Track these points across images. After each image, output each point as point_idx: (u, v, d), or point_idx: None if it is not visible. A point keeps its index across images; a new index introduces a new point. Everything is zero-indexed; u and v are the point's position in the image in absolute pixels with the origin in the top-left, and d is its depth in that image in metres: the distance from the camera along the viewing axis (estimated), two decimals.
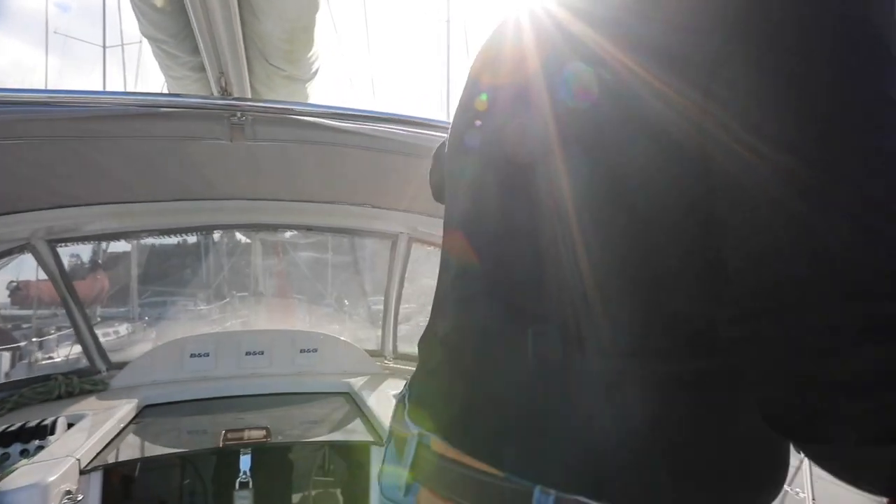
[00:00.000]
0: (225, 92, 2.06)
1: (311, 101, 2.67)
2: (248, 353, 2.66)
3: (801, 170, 0.38)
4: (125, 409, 2.02)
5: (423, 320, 3.54)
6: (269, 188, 2.13)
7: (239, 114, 1.29)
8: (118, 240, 2.33)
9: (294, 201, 2.29)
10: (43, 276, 2.31)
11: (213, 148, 1.56)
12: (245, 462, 1.81)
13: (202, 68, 2.00)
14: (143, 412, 2.18)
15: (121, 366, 2.44)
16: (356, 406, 2.35)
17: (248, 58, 2.09)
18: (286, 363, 2.70)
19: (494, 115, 0.65)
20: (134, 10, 1.75)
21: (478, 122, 0.69)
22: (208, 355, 2.59)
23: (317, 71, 2.41)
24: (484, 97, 0.69)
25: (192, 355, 2.56)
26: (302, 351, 2.73)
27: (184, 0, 1.52)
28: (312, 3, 1.72)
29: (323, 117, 1.40)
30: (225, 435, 1.85)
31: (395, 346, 3.03)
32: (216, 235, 2.81)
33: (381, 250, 2.92)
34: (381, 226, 2.64)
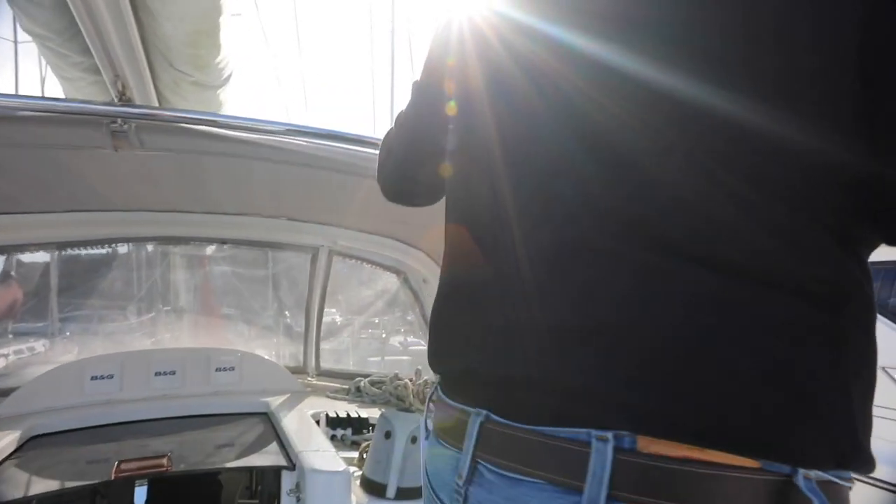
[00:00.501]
0: (123, 96, 1.93)
1: (226, 108, 2.56)
2: (157, 374, 2.49)
3: None
4: (3, 441, 1.83)
5: (346, 337, 3.46)
6: (173, 199, 2.00)
7: (119, 121, 1.18)
8: (3, 254, 2.13)
9: (203, 213, 2.16)
10: None
11: (99, 157, 1.44)
12: (140, 495, 1.67)
13: (97, 70, 1.87)
14: (28, 444, 1.98)
15: (7, 392, 2.22)
16: (271, 427, 2.23)
17: (150, 62, 1.97)
18: (200, 383, 2.55)
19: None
20: (11, 3, 1.61)
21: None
22: (112, 377, 2.40)
23: (229, 77, 2.31)
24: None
25: (94, 378, 2.37)
26: (218, 370, 2.58)
27: None
28: (214, 7, 1.63)
29: (221, 127, 1.31)
30: (118, 466, 1.70)
31: (317, 363, 2.93)
32: (127, 248, 2.63)
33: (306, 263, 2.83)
34: (300, 239, 2.54)
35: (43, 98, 1.19)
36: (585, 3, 0.59)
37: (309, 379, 2.95)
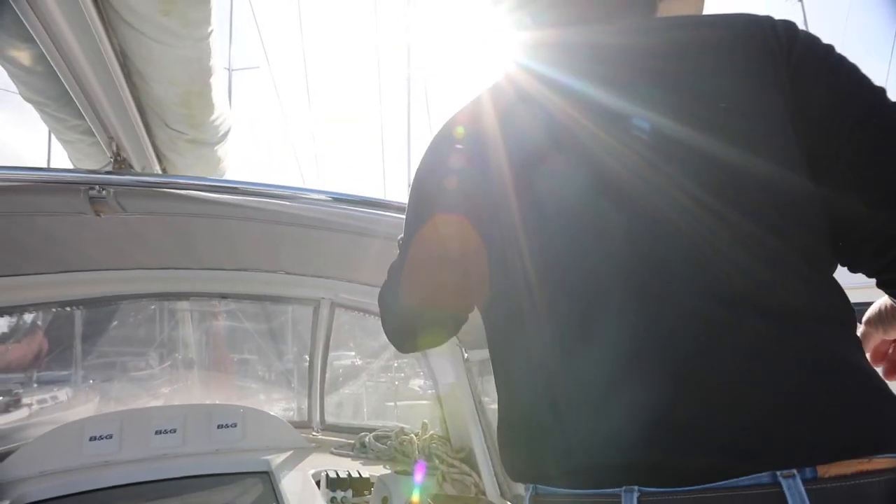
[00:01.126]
0: (118, 157, 1.94)
1: (225, 163, 2.58)
2: (157, 432, 2.44)
3: None
4: None
5: (349, 389, 3.38)
6: (166, 257, 1.99)
7: (98, 187, 1.18)
8: (6, 315, 2.14)
9: (198, 269, 2.15)
10: None
11: (84, 220, 1.43)
12: None
13: (93, 132, 1.89)
14: None
15: (3, 457, 2.19)
16: (271, 489, 2.16)
17: (145, 122, 1.99)
18: (201, 441, 2.49)
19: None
20: (7, 72, 1.64)
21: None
22: (111, 437, 2.36)
23: (226, 133, 2.32)
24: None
25: (93, 438, 2.32)
26: (219, 426, 2.53)
27: (52, 64, 1.41)
28: (203, 70, 1.64)
29: (202, 191, 1.30)
30: None
31: (322, 417, 2.86)
32: (131, 304, 2.62)
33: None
34: (301, 292, 2.51)
35: (22, 168, 1.19)
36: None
37: (314, 434, 2.87)
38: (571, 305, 0.71)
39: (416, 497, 2.04)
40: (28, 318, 2.42)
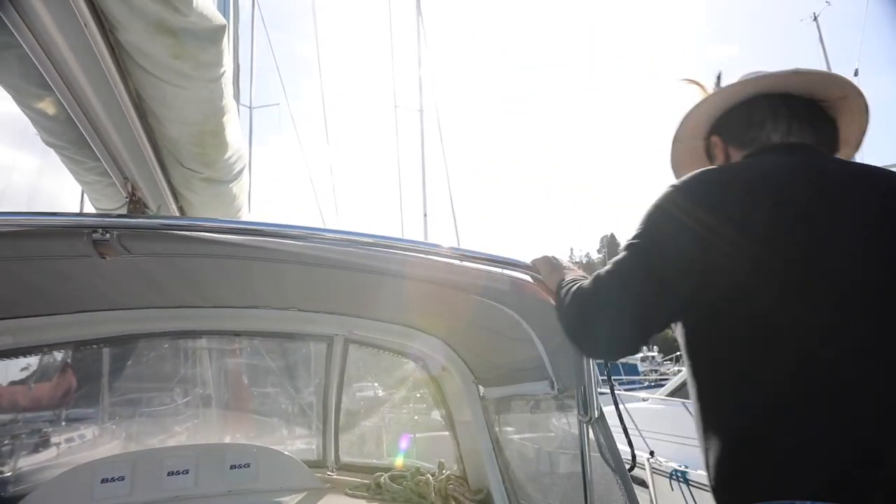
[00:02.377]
0: (134, 197, 1.96)
1: (240, 200, 2.60)
2: (170, 473, 2.40)
3: None
4: None
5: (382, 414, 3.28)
6: (177, 296, 1.98)
7: (101, 230, 1.17)
8: (18, 356, 2.14)
9: (209, 307, 2.14)
10: None
11: (91, 262, 1.43)
12: None
13: (109, 174, 1.91)
14: None
15: (15, 500, 2.16)
16: None
17: (161, 162, 2.02)
18: (214, 482, 2.44)
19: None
20: (28, 118, 1.67)
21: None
22: (123, 479, 2.32)
23: (240, 171, 2.35)
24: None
25: (104, 480, 2.29)
26: (232, 467, 2.48)
27: (67, 109, 1.43)
28: (216, 109, 1.66)
29: (207, 231, 1.28)
30: None
31: (336, 456, 2.80)
32: (147, 342, 2.62)
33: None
34: (313, 328, 2.48)
35: (29, 214, 1.20)
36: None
37: (329, 473, 2.81)
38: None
39: None
40: (51, 357, 2.43)
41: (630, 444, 1.68)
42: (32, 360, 2.46)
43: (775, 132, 1.32)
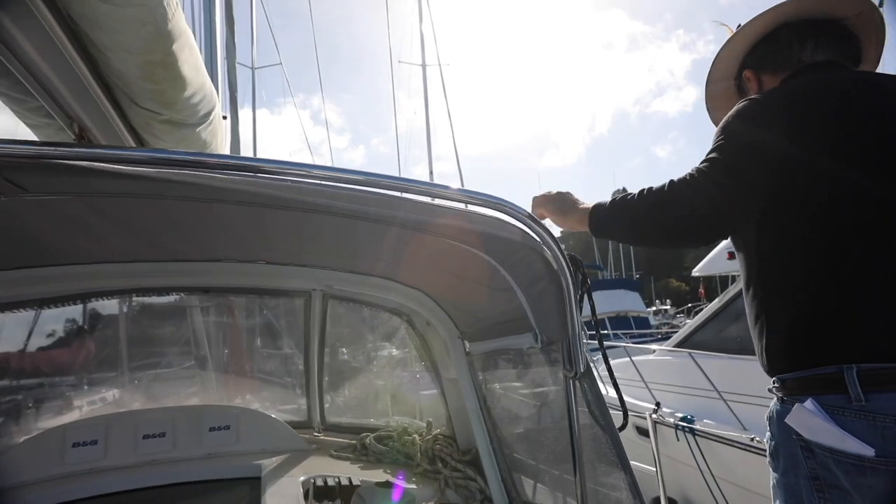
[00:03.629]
0: (81, 140, 1.80)
1: (214, 147, 2.43)
2: (146, 437, 2.30)
3: None
4: None
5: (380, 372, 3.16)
6: (123, 250, 1.81)
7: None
8: None
9: (167, 261, 1.98)
10: None
11: (24, 205, 1.27)
12: None
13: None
14: None
15: None
16: (257, 497, 2.00)
17: (114, 101, 1.84)
18: (192, 445, 2.35)
19: None
20: None
21: None
22: (96, 443, 2.23)
23: (209, 114, 2.17)
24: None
25: (76, 444, 2.19)
26: (211, 429, 2.38)
27: None
28: (160, 34, 1.48)
29: (114, 162, 1.06)
30: None
31: (322, 416, 2.70)
32: (113, 302, 2.48)
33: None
34: (288, 283, 2.33)
35: None
36: None
37: (315, 434, 2.72)
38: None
39: None
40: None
41: (621, 401, 1.55)
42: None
43: (804, 51, 1.47)
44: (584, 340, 1.48)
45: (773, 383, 1.38)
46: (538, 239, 1.31)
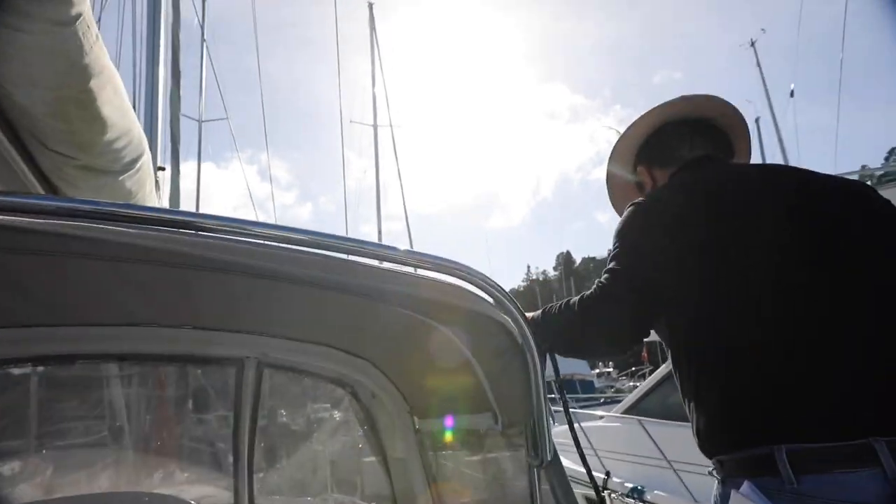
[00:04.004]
0: None
1: (140, 198, 2.21)
2: None
3: None
4: None
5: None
6: (27, 311, 1.54)
7: None
8: None
9: (74, 326, 1.70)
10: None
11: None
12: None
13: None
14: None
15: None
16: None
17: (18, 141, 1.62)
18: None
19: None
20: None
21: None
22: None
23: (135, 161, 1.96)
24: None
25: None
26: None
27: None
28: (75, 68, 1.30)
29: (37, 214, 0.90)
30: None
31: (251, 499, 2.38)
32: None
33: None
34: (217, 350, 2.06)
35: None
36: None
37: None
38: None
39: None
40: None
41: (595, 488, 1.39)
42: None
43: (683, 148, 1.67)
44: (552, 424, 1.32)
45: (713, 464, 1.37)
46: (498, 307, 1.16)
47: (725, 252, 1.34)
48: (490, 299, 1.15)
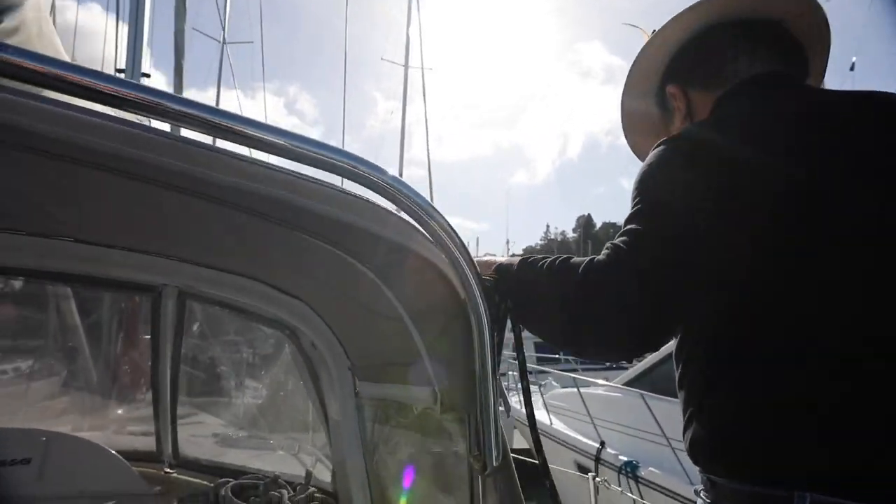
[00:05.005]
0: None
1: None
2: None
3: None
4: None
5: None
6: None
7: None
8: None
9: None
10: None
11: None
12: None
13: None
14: None
15: None
16: None
17: None
18: None
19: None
20: None
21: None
22: None
23: (14, 25, 1.54)
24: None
25: None
26: (2, 463, 1.73)
27: None
28: None
29: None
30: None
31: (175, 449, 2.07)
32: None
33: None
34: (131, 274, 1.68)
35: None
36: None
37: (166, 471, 2.09)
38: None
39: None
40: None
41: (552, 487, 1.03)
42: None
43: (739, 61, 1.17)
44: (505, 416, 0.93)
45: (702, 482, 1.07)
46: (433, 242, 0.75)
47: (798, 223, 0.93)
48: (417, 225, 0.74)
